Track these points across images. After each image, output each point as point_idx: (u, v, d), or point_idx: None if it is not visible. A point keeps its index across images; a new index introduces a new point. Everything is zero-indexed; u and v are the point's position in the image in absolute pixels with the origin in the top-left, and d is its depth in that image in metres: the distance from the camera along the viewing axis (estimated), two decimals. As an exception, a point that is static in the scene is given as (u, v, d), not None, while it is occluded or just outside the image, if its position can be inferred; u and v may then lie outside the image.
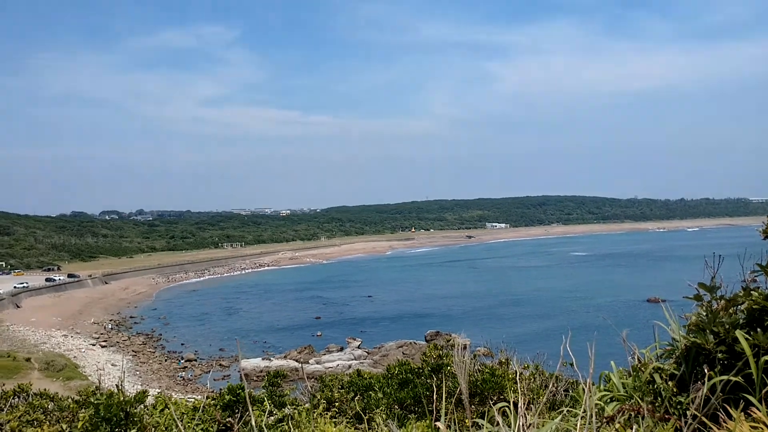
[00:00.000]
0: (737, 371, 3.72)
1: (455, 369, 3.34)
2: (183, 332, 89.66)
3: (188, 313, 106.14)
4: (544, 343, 38.22)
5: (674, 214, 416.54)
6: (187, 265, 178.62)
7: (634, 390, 4.06)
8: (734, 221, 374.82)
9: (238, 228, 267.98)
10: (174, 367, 71.20)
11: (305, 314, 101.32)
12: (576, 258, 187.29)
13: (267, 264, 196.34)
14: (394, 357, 58.27)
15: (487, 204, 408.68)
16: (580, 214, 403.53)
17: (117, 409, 5.57)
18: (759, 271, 4.29)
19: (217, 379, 62.98)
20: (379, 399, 6.13)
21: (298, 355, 70.21)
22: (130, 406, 5.88)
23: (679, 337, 4.28)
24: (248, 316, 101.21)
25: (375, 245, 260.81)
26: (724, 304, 4.09)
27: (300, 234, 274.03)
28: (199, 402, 6.65)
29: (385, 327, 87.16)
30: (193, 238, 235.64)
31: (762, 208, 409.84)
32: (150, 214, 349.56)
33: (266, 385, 7.16)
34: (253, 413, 6.18)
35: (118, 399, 5.76)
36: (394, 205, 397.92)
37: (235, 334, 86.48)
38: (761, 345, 3.62)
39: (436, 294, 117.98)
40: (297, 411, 5.46)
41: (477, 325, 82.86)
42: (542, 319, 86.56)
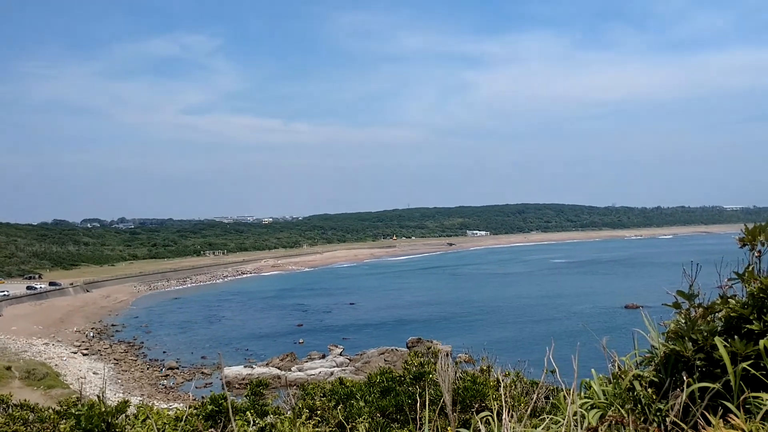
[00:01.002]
0: (716, 378, 3.77)
1: (438, 377, 3.36)
2: (165, 340, 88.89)
3: (170, 320, 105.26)
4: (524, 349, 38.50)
5: (651, 222, 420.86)
6: (169, 272, 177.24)
7: (615, 397, 4.09)
8: (709, 229, 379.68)
9: (221, 236, 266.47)
10: (156, 375, 70.56)
11: (287, 321, 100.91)
12: (555, 265, 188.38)
13: (249, 271, 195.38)
14: (375, 364, 58.15)
15: (467, 212, 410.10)
16: (559, 221, 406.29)
17: (98, 420, 5.51)
18: (736, 279, 4.36)
19: (199, 387, 62.59)
20: (361, 407, 6.12)
21: (280, 363, 69.82)
22: (112, 416, 5.81)
23: (658, 345, 4.33)
24: (230, 324, 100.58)
25: (357, 253, 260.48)
26: (702, 312, 4.14)
27: (282, 242, 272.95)
28: (182, 412, 6.59)
29: (367, 334, 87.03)
30: (175, 246, 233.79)
31: (736, 216, 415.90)
32: (132, 222, 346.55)
33: (249, 394, 7.12)
34: (236, 424, 6.16)
35: (99, 410, 5.69)
36: (375, 213, 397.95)
37: (217, 342, 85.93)
38: (738, 352, 3.68)
39: (418, 301, 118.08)
40: (279, 420, 5.44)
41: (458, 331, 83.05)
42: (523, 325, 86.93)
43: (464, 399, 6.04)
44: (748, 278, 4.17)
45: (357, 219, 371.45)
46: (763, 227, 4.32)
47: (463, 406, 6.08)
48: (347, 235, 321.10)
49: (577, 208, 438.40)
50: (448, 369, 3.49)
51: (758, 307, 3.87)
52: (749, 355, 3.69)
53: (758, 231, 4.33)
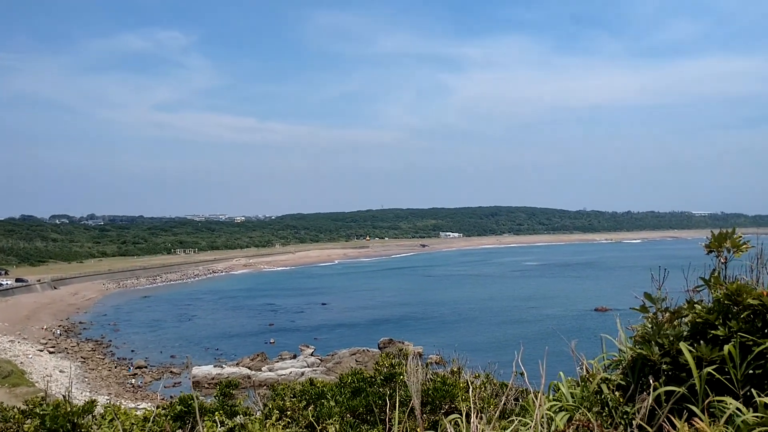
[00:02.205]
0: (681, 382, 3.83)
1: (407, 379, 3.36)
2: (133, 339, 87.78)
3: (139, 319, 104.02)
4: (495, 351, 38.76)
5: (621, 226, 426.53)
6: (139, 270, 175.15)
7: (583, 400, 4.14)
8: (678, 234, 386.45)
9: (192, 234, 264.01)
10: (124, 374, 69.64)
11: (258, 321, 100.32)
12: (527, 267, 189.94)
13: (220, 270, 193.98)
14: (347, 364, 58.13)
15: (441, 213, 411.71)
16: (531, 224, 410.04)
17: (63, 420, 5.42)
18: (702, 285, 4.44)
19: (168, 387, 61.94)
20: (332, 408, 6.11)
21: (250, 363, 69.35)
22: (78, 416, 5.72)
23: (625, 348, 4.39)
24: (200, 323, 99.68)
25: (330, 253, 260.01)
26: (669, 317, 4.21)
27: (254, 241, 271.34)
28: (150, 412, 6.52)
29: (339, 334, 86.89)
30: (145, 244, 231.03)
31: (704, 222, 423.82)
32: (101, 218, 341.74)
33: (218, 395, 7.07)
34: (205, 425, 6.11)
35: (64, 410, 5.60)
36: (349, 213, 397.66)
37: (186, 341, 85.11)
38: (704, 357, 3.74)
39: (390, 302, 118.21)
40: (249, 421, 5.40)
41: (430, 332, 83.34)
42: (494, 327, 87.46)
43: (434, 400, 6.06)
44: (714, 284, 4.25)
45: (330, 219, 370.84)
46: (729, 234, 4.41)
47: (433, 407, 6.10)
48: (320, 235, 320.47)
49: (548, 211, 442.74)
50: (417, 371, 3.49)
51: (723, 313, 3.95)
52: (714, 360, 3.76)
53: (724, 237, 4.41)
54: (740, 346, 3.73)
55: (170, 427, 5.54)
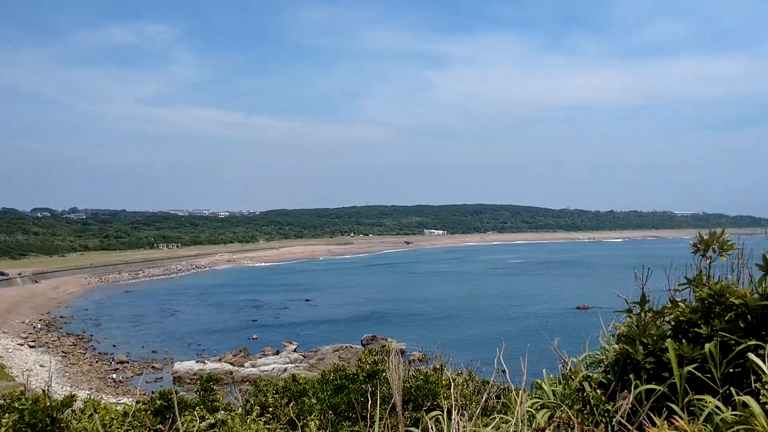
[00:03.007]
0: (662, 380, 3.85)
1: (389, 376, 3.34)
2: (115, 333, 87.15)
3: (121, 314, 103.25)
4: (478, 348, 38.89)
5: (604, 225, 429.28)
6: (121, 265, 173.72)
7: (564, 397, 4.15)
8: (660, 233, 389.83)
9: (175, 229, 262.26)
10: (105, 369, 69.12)
11: (241, 317, 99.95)
12: (511, 265, 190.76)
13: (204, 266, 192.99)
14: (330, 361, 58.05)
15: (425, 211, 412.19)
16: (515, 223, 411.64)
17: (43, 414, 5.35)
18: (686, 284, 4.47)
19: (149, 382, 61.57)
20: (313, 405, 6.09)
21: (233, 358, 69.09)
22: (57, 411, 5.65)
23: (608, 347, 4.41)
24: (183, 318, 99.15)
25: (314, 249, 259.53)
26: (652, 316, 4.24)
27: (238, 236, 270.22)
28: (130, 407, 6.46)
29: (322, 330, 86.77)
30: (127, 238, 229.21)
31: (686, 222, 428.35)
32: (84, 212, 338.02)
33: (199, 390, 7.02)
34: (185, 419, 6.06)
35: (44, 404, 5.53)
36: (333, 209, 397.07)
37: (169, 336, 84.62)
38: (686, 355, 3.76)
39: (373, 298, 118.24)
40: (230, 417, 5.36)
41: (413, 329, 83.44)
42: (478, 324, 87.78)
43: (416, 398, 6.06)
44: (698, 284, 4.27)
45: (315, 215, 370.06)
46: (718, 236, 4.43)
47: (415, 404, 6.10)
48: (304, 231, 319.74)
49: (532, 209, 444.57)
50: (398, 367, 3.48)
51: (706, 313, 3.97)
52: (695, 359, 3.79)
53: (712, 239, 4.44)
54: (721, 345, 3.75)
55: (150, 422, 5.48)
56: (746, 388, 3.63)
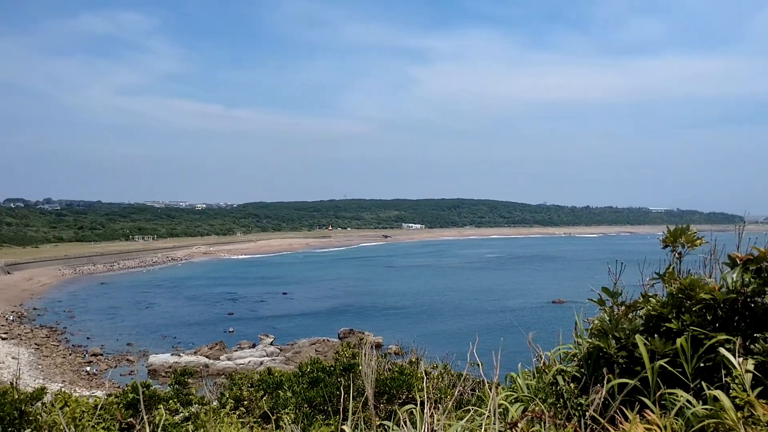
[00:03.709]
0: (634, 374, 3.89)
1: (362, 370, 3.34)
2: (89, 326, 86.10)
3: (95, 306, 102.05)
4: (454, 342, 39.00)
5: (580, 221, 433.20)
6: (96, 257, 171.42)
7: (538, 391, 4.18)
8: (634, 229, 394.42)
9: (151, 220, 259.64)
10: (78, 362, 68.29)
11: (217, 310, 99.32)
12: (488, 259, 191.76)
13: (180, 258, 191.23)
14: (307, 354, 57.95)
15: (404, 205, 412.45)
16: (492, 217, 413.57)
17: (11, 408, 5.27)
18: (658, 279, 4.51)
19: (123, 375, 61.01)
20: (288, 398, 6.06)
21: (209, 351, 68.65)
22: (26, 404, 5.57)
23: (582, 341, 4.45)
24: (158, 311, 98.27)
25: (291, 242, 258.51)
26: (625, 310, 4.27)
27: (215, 228, 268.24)
28: (101, 400, 6.38)
29: (299, 324, 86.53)
30: (103, 230, 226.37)
31: (660, 218, 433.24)
32: (58, 203, 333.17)
33: (172, 383, 6.96)
34: (158, 413, 6.00)
35: (12, 397, 5.45)
36: (312, 202, 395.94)
37: (144, 329, 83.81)
38: (657, 350, 3.80)
39: (351, 292, 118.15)
40: (203, 410, 5.32)
41: (390, 323, 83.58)
42: (454, 318, 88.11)
43: (391, 390, 6.06)
44: (669, 278, 4.32)
45: (293, 208, 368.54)
46: (684, 230, 4.48)
47: (390, 397, 6.10)
48: (282, 224, 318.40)
49: (510, 204, 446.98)
50: (371, 360, 3.47)
51: (677, 307, 4.01)
52: (667, 353, 3.83)
53: (679, 233, 4.48)
54: (692, 339, 3.80)
55: (121, 415, 5.43)
56: (717, 382, 3.68)
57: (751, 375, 3.52)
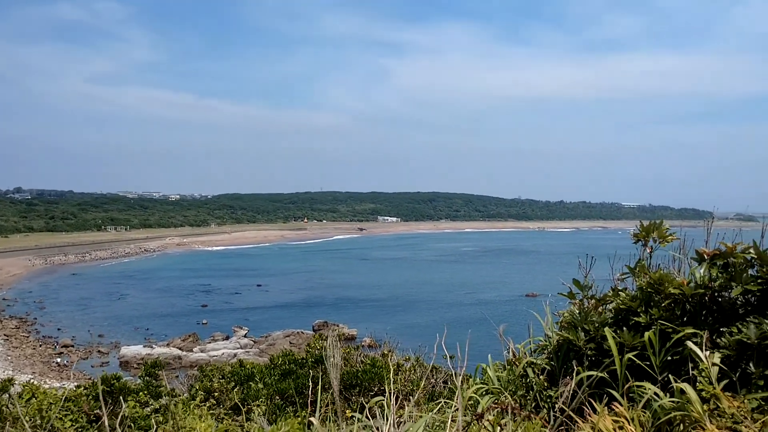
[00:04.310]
0: (604, 367, 3.93)
1: (327, 362, 3.32)
2: (60, 317, 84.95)
3: (67, 297, 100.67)
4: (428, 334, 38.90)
5: (554, 215, 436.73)
6: (68, 247, 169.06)
7: (508, 383, 4.21)
8: (607, 224, 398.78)
9: (124, 211, 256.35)
10: (49, 353, 67.38)
11: (191, 301, 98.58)
12: (463, 253, 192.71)
13: (153, 249, 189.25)
14: (281, 346, 57.73)
15: (379, 198, 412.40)
16: (467, 211, 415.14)
17: (-27, 399, 5.18)
18: (628, 273, 4.56)
19: (95, 366, 60.42)
20: (259, 390, 6.03)
21: (181, 343, 68.17)
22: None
23: (552, 333, 4.48)
24: (131, 302, 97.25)
25: (267, 234, 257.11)
26: (595, 303, 4.31)
27: (189, 220, 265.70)
28: (70, 392, 6.30)
29: (274, 316, 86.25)
30: (74, 220, 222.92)
31: (632, 213, 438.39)
32: (29, 192, 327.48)
33: (142, 375, 6.88)
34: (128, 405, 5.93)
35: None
36: (287, 194, 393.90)
37: (116, 320, 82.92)
38: (626, 343, 3.84)
39: (326, 284, 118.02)
40: (173, 402, 5.27)
41: (365, 316, 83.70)
42: (429, 311, 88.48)
43: (363, 382, 6.06)
44: (639, 273, 4.36)
45: (268, 200, 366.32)
46: (657, 225, 4.53)
47: (362, 389, 6.10)
48: (258, 215, 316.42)
49: (485, 198, 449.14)
50: (337, 352, 3.46)
51: (646, 301, 4.06)
52: (635, 346, 3.87)
53: (652, 228, 4.53)
54: (660, 333, 3.84)
55: (88, 408, 5.35)
56: (684, 375, 3.73)
57: (717, 368, 3.58)
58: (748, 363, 3.62)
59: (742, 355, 3.65)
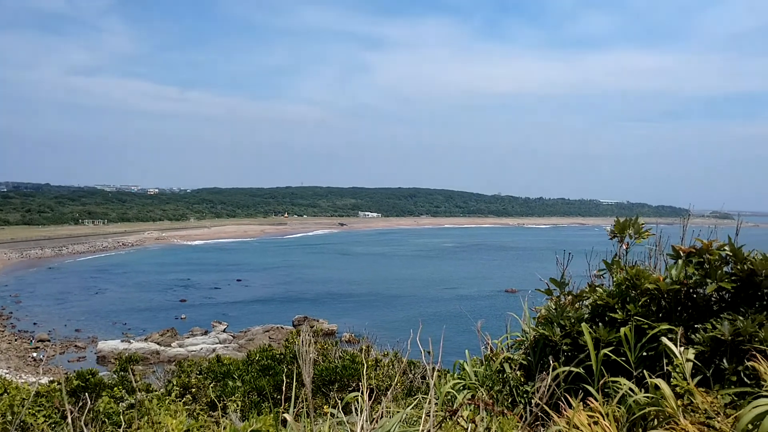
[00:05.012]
0: (579, 362, 3.95)
1: (299, 358, 3.30)
2: (36, 311, 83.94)
3: (43, 291, 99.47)
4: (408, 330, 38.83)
5: (533, 212, 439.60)
6: (44, 241, 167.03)
7: (486, 378, 4.22)
8: (585, 220, 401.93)
9: (101, 204, 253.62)
10: (25, 348, 66.57)
11: (170, 296, 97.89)
12: (443, 248, 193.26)
13: (131, 243, 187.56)
14: (260, 341, 57.54)
15: (360, 193, 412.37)
16: (448, 207, 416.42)
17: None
18: (605, 269, 4.59)
19: (72, 361, 59.89)
20: (236, 386, 5.99)
21: (160, 338, 67.72)
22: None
23: (528, 329, 4.50)
24: (108, 297, 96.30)
25: (246, 229, 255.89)
26: (571, 299, 4.34)
27: (168, 214, 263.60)
28: (44, 387, 6.22)
29: (253, 311, 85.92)
30: (51, 213, 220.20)
31: (611, 210, 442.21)
32: (5, 185, 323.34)
33: (117, 371, 6.82)
34: (102, 401, 5.86)
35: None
36: (268, 189, 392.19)
37: (93, 315, 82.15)
38: (602, 339, 3.87)
39: (306, 279, 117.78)
40: (147, 398, 5.21)
41: (345, 310, 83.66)
42: (409, 306, 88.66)
43: (342, 378, 6.04)
44: (615, 269, 4.40)
45: (248, 194, 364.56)
46: (632, 221, 4.56)
47: (341, 384, 6.09)
48: (238, 210, 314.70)
49: (465, 194, 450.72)
50: (309, 346, 3.44)
51: (622, 297, 4.09)
52: (611, 342, 3.90)
53: (627, 224, 4.56)
54: (636, 329, 3.87)
55: (59, 404, 5.28)
56: (659, 370, 3.76)
57: (691, 364, 3.61)
58: (721, 359, 3.66)
59: (715, 351, 3.69)
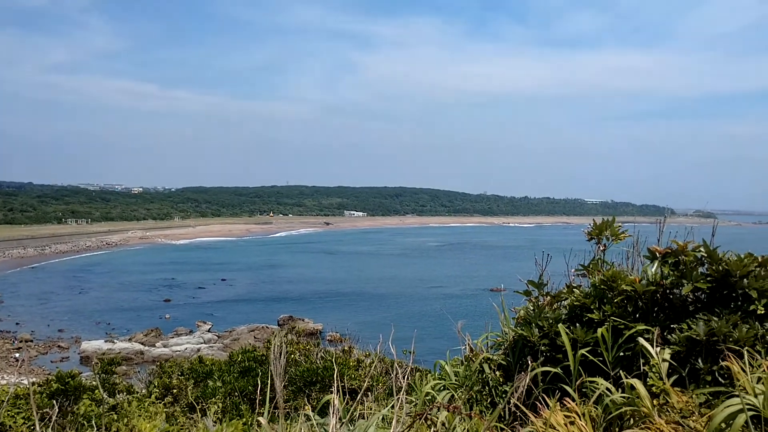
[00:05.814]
0: (558, 363, 3.99)
1: (271, 360, 3.30)
2: (19, 311, 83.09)
3: (26, 291, 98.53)
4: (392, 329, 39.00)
5: (518, 211, 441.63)
6: (27, 240, 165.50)
7: (465, 379, 4.25)
8: (570, 219, 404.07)
9: (85, 203, 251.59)
10: (7, 348, 65.78)
11: (154, 296, 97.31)
12: (429, 248, 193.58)
13: (115, 243, 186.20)
14: (245, 341, 57.40)
15: (346, 192, 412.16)
16: (434, 206, 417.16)
17: None
18: (583, 270, 4.63)
19: (55, 362, 59.32)
20: (217, 388, 5.98)
21: (144, 338, 67.27)
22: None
23: (508, 329, 4.53)
24: (92, 296, 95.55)
25: (231, 228, 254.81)
26: (550, 300, 4.37)
27: (152, 213, 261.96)
28: (23, 389, 6.17)
29: (238, 310, 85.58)
30: (34, 212, 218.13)
31: (595, 209, 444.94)
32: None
33: (98, 372, 6.77)
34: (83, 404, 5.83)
35: None
36: (253, 188, 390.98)
37: (77, 315, 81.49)
38: (579, 339, 3.90)
39: (292, 278, 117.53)
40: (128, 400, 5.19)
41: (330, 310, 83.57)
42: (395, 305, 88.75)
43: (323, 378, 6.05)
44: (593, 270, 4.44)
45: (234, 193, 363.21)
46: (609, 223, 4.60)
47: (322, 385, 6.09)
48: (222, 209, 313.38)
49: (451, 194, 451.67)
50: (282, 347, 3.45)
51: (599, 298, 4.13)
52: (588, 342, 3.93)
53: (605, 226, 4.60)
54: (613, 329, 3.91)
55: (38, 407, 5.25)
56: (636, 370, 3.80)
57: (667, 364, 3.66)
58: (696, 359, 3.71)
59: (691, 351, 3.74)
